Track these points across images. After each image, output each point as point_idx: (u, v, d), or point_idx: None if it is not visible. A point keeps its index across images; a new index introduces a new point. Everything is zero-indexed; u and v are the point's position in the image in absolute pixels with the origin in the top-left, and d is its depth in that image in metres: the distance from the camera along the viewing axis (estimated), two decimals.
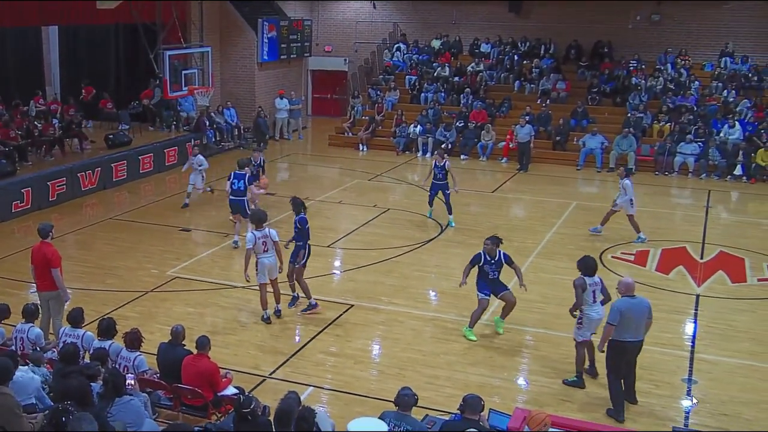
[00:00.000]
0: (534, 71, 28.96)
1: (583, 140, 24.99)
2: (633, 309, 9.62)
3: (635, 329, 9.66)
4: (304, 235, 12.83)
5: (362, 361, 11.38)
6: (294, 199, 13.12)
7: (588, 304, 10.51)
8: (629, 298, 9.71)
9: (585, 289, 10.45)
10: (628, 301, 9.67)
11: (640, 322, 9.69)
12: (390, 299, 13.65)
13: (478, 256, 11.98)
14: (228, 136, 26.82)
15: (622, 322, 9.55)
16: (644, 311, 9.71)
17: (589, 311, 10.52)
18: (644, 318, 9.71)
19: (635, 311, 9.63)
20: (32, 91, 24.48)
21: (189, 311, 12.94)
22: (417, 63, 31.15)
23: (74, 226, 17.76)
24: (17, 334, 9.74)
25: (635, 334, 9.69)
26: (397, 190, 22.16)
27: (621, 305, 9.62)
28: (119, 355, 9.06)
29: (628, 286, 9.80)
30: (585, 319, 10.55)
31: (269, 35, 28.63)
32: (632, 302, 9.68)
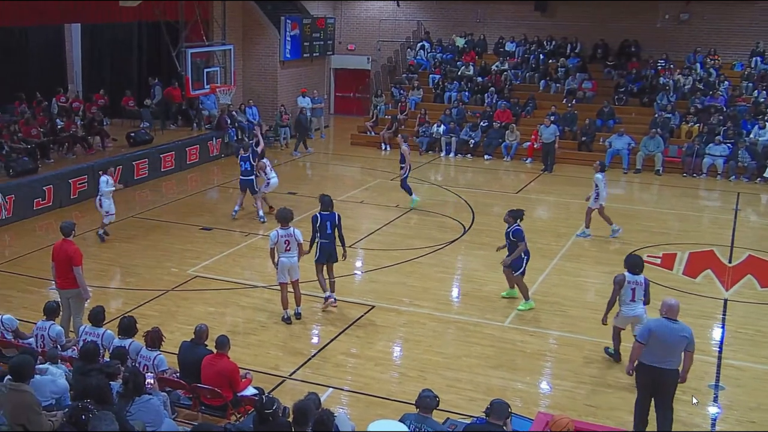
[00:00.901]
0: (560, 70, 28.83)
1: (610, 141, 24.84)
2: (667, 333, 8.71)
3: (664, 355, 8.76)
4: (315, 231, 12.87)
5: (383, 363, 11.38)
6: (323, 197, 13.20)
7: (624, 301, 10.75)
8: (667, 320, 8.78)
9: (623, 286, 10.66)
10: (663, 323, 8.76)
11: (673, 349, 8.75)
12: (411, 300, 13.64)
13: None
14: (249, 135, 26.90)
15: (650, 343, 8.73)
16: (681, 339, 8.72)
17: (624, 308, 10.81)
18: (679, 346, 8.74)
19: (669, 336, 8.71)
20: (54, 89, 24.73)
21: (209, 311, 13.01)
22: (441, 62, 31.11)
23: (95, 224, 17.87)
24: (38, 332, 9.84)
25: (662, 361, 8.76)
26: (420, 190, 22.11)
27: (654, 325, 8.82)
28: (139, 354, 9.13)
29: (670, 308, 8.82)
30: (620, 315, 10.93)
31: (292, 33, 28.71)
32: (667, 325, 8.75)
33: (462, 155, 26.34)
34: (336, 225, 12.91)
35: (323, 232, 12.86)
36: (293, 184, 21.11)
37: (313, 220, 12.90)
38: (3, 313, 10.22)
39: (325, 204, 13.01)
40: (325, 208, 12.96)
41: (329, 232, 12.89)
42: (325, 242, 12.89)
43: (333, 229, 12.89)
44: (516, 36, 31.09)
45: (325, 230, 12.87)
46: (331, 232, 12.91)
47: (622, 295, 10.74)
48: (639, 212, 19.90)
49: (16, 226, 17.55)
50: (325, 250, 12.93)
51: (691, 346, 8.79)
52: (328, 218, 12.90)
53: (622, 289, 10.72)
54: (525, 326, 12.62)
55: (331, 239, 12.93)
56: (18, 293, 13.58)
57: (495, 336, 12.26)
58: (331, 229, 12.89)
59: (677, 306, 8.86)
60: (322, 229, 12.85)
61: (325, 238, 12.89)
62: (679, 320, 8.85)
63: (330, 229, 12.89)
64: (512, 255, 12.96)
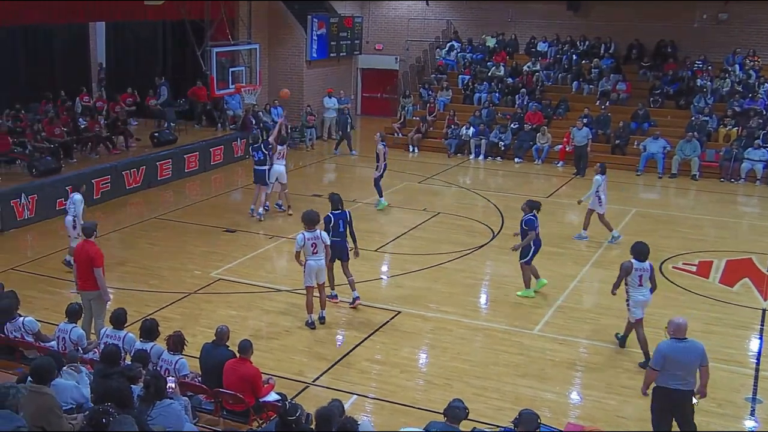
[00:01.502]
0: (593, 71, 28.67)
1: (644, 144, 24.67)
2: (681, 353, 8.63)
3: (684, 376, 8.65)
4: (328, 231, 12.95)
5: (408, 370, 11.36)
6: (332, 195, 13.53)
7: (633, 286, 11.32)
8: (677, 341, 8.68)
9: (630, 272, 11.25)
10: (675, 344, 8.66)
11: (690, 369, 8.68)
12: (438, 306, 13.62)
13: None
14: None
15: (667, 367, 8.62)
16: (695, 357, 8.68)
17: (634, 293, 11.36)
18: (695, 364, 8.69)
19: (683, 356, 8.64)
20: (78, 88, 25.00)
21: (232, 314, 13.07)
22: (470, 62, 31.06)
23: (118, 224, 18.08)
24: (59, 334, 9.93)
25: (683, 382, 8.65)
26: (448, 193, 22.10)
27: (666, 348, 8.65)
28: (161, 358, 9.18)
29: (678, 327, 8.73)
30: (632, 301, 11.39)
31: (319, 32, 28.82)
32: (680, 345, 8.66)
33: (491, 158, 26.27)
34: (348, 222, 13.23)
35: (336, 231, 13.10)
36: (318, 186, 21.18)
37: (326, 220, 13.10)
38: (25, 315, 10.33)
39: (335, 202, 13.34)
40: (335, 207, 13.27)
41: (342, 230, 13.17)
42: (336, 240, 13.05)
43: (345, 227, 13.19)
44: (548, 36, 30.96)
45: (338, 228, 13.13)
46: (344, 230, 13.21)
47: (631, 281, 11.30)
48: (674, 218, 19.73)
49: (38, 226, 17.76)
50: (335, 249, 13.07)
51: (705, 360, 8.74)
52: (341, 216, 13.20)
53: (629, 276, 11.28)
54: (555, 334, 12.56)
55: (343, 237, 13.20)
56: (40, 294, 13.73)
57: (524, 344, 12.21)
58: (344, 227, 13.18)
59: (685, 324, 8.77)
60: (335, 227, 13.11)
61: (337, 236, 13.08)
62: (687, 337, 8.74)
63: (342, 227, 13.18)
64: (522, 243, 13.76)
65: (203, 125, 26.26)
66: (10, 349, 10.10)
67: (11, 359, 9.94)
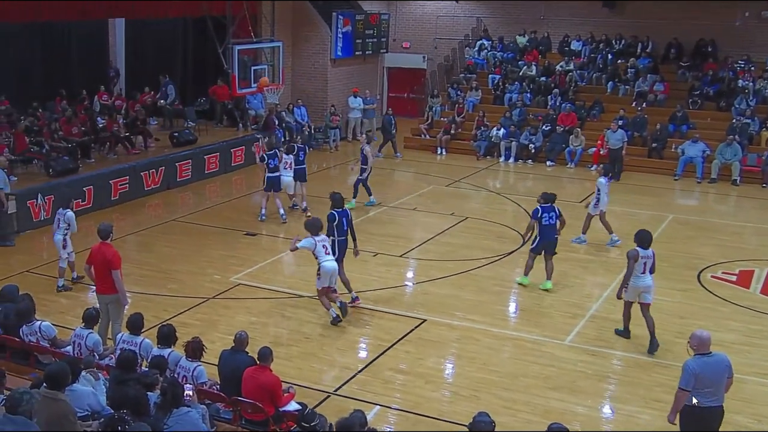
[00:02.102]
0: (629, 71, 28.50)
1: (682, 147, 24.48)
2: (709, 369, 8.46)
3: (713, 392, 8.49)
4: (332, 230, 13.44)
5: (434, 381, 11.34)
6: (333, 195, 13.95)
7: (636, 274, 12.11)
8: (703, 356, 8.52)
9: (637, 260, 12.05)
10: (702, 361, 8.48)
11: (719, 384, 8.53)
12: (465, 315, 13.58)
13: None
14: (297, 136, 27.09)
15: (696, 385, 8.43)
16: (723, 370, 8.56)
17: (635, 280, 12.15)
18: (723, 378, 8.56)
19: (712, 371, 8.47)
20: (96, 87, 25.22)
21: (252, 320, 13.12)
22: (501, 61, 31.00)
23: (136, 227, 18.21)
24: (75, 339, 10.00)
25: (714, 398, 8.50)
26: (477, 197, 22.05)
27: (695, 367, 8.44)
28: (178, 365, 9.23)
29: (701, 342, 8.56)
30: (630, 286, 12.23)
31: (344, 30, 28.89)
32: (708, 361, 8.49)
33: (522, 161, 26.20)
34: (350, 221, 13.76)
35: (340, 230, 13.54)
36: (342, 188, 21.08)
37: (331, 218, 13.55)
38: (42, 319, 10.41)
39: (337, 201, 13.81)
40: (337, 206, 13.67)
41: (345, 228, 13.65)
42: (342, 239, 13.56)
43: (348, 226, 13.64)
44: (582, 34, 30.82)
45: (342, 227, 13.62)
46: (347, 228, 13.69)
47: (635, 268, 12.08)
48: (713, 225, 19.57)
49: None
50: (343, 248, 13.58)
51: (731, 372, 8.63)
52: (343, 215, 13.62)
53: (636, 263, 12.03)
54: (587, 345, 12.49)
55: (346, 236, 13.70)
56: (56, 297, 13.87)
57: (554, 355, 12.15)
58: (347, 225, 13.61)
59: (709, 338, 8.61)
60: (339, 226, 13.52)
61: (341, 235, 13.59)
62: (712, 351, 8.58)
63: (346, 225, 13.65)
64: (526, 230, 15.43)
65: (224, 125, 26.39)
66: (25, 353, 10.20)
67: (26, 364, 10.04)
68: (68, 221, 14.24)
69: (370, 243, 17.18)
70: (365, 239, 17.36)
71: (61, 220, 14.28)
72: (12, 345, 10.21)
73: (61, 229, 14.26)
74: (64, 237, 14.26)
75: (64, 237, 14.26)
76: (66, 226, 14.24)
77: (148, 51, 28.22)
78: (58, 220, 14.37)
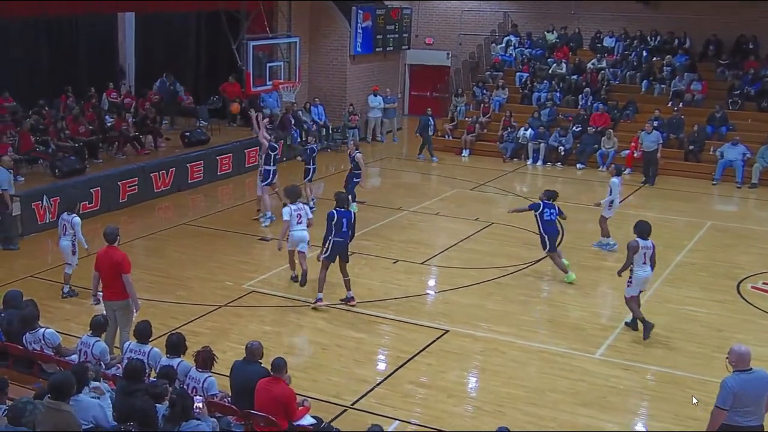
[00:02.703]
0: (665, 70, 28.39)
1: (721, 150, 24.35)
2: (749, 386, 8.24)
3: (753, 411, 8.30)
4: (330, 229, 13.77)
5: (456, 395, 11.32)
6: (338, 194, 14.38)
7: (638, 264, 12.85)
8: (742, 372, 8.28)
9: (637, 251, 12.76)
10: (741, 378, 8.24)
11: (760, 402, 8.35)
12: (490, 326, 13.55)
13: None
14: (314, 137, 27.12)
15: (735, 404, 8.21)
16: (763, 388, 8.35)
17: (638, 271, 12.88)
18: (764, 397, 8.37)
19: (752, 389, 8.26)
20: (105, 84, 25.37)
21: (265, 330, 13.15)
22: (529, 58, 30.96)
23: (145, 230, 18.30)
24: (81, 347, 10.04)
25: (754, 417, 8.32)
26: (503, 202, 22.00)
27: (733, 384, 8.21)
28: (188, 375, 9.25)
29: (740, 357, 8.33)
30: (634, 278, 12.94)
31: (364, 25, 28.94)
32: (747, 378, 8.25)
33: (551, 164, 26.13)
34: (352, 223, 13.93)
35: (339, 230, 13.73)
36: (360, 191, 21.19)
37: (330, 217, 13.78)
38: (46, 326, 10.47)
39: (341, 201, 14.08)
40: (341, 205, 13.98)
41: (345, 229, 13.82)
42: (338, 240, 13.77)
43: (349, 227, 13.86)
44: (615, 30, 30.75)
45: (341, 227, 13.76)
46: (347, 230, 13.85)
47: (636, 259, 12.81)
48: (754, 233, 19.45)
49: None
50: (337, 248, 13.79)
51: None
52: (345, 215, 13.80)
53: (636, 254, 12.75)
54: (619, 359, 12.43)
55: (345, 237, 13.87)
56: (61, 304, 13.95)
57: (584, 369, 12.10)
58: (347, 227, 13.84)
59: (748, 353, 8.39)
60: (338, 226, 13.73)
61: (339, 236, 13.78)
62: (752, 367, 8.37)
63: (346, 226, 13.81)
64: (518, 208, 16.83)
65: (238, 124, 26.48)
66: (28, 361, 10.25)
67: (29, 373, 10.08)
68: (74, 227, 14.22)
69: (390, 249, 17.20)
70: (385, 245, 17.43)
71: (67, 226, 14.24)
72: (15, 353, 10.26)
73: (68, 235, 14.23)
74: (72, 242, 14.21)
75: (72, 242, 14.21)
76: (72, 233, 14.22)
77: (159, 47, 28.35)
78: (63, 225, 14.34)
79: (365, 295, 14.54)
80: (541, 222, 15.50)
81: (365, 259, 16.66)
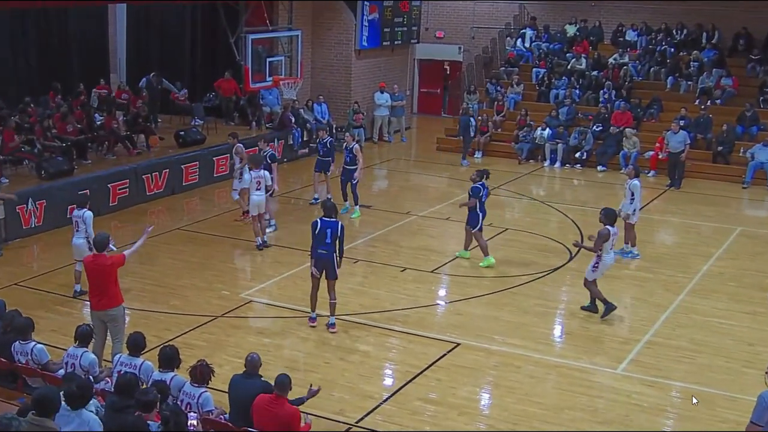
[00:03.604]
0: (692, 65, 28.37)
1: (752, 151, 24.30)
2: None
3: None
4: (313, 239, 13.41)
5: (468, 413, 11.31)
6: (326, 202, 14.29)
7: (606, 250, 14.06)
8: None
9: (608, 239, 13.96)
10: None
11: None
12: (504, 338, 13.54)
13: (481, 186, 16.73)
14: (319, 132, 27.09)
15: None
16: None
17: (606, 257, 14.11)
18: None
19: None
20: (95, 79, 25.42)
21: (264, 342, 13.15)
22: (547, 53, 30.96)
23: (136, 236, 18.01)
24: (68, 360, 10.05)
25: None
26: (518, 206, 22.01)
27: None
28: (182, 391, 9.24)
29: None
30: (601, 264, 14.14)
31: (370, 18, 28.95)
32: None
33: (570, 165, 26.10)
34: (337, 235, 13.35)
35: (322, 241, 13.31)
36: (366, 194, 21.22)
37: (313, 226, 13.42)
38: (38, 341, 10.47)
39: (328, 210, 13.61)
40: (327, 215, 13.49)
41: (328, 241, 13.32)
42: (322, 253, 13.32)
43: (333, 239, 13.31)
44: (638, 23, 30.73)
45: (324, 238, 13.31)
46: (331, 242, 13.35)
47: (605, 246, 14.04)
48: None
49: (46, 236, 18.08)
50: (320, 262, 13.36)
51: None
52: (329, 225, 13.34)
53: (606, 242, 14.00)
54: (642, 374, 12.41)
55: (329, 250, 13.35)
56: (46, 314, 13.94)
57: (605, 385, 12.09)
58: (331, 238, 13.31)
59: None
60: (321, 237, 13.30)
61: (323, 248, 13.34)
62: None
63: (330, 238, 13.32)
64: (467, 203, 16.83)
65: (236, 123, 26.50)
66: (12, 375, 10.27)
67: (13, 387, 10.10)
68: (86, 222, 14.40)
69: (398, 257, 17.21)
70: (392, 252, 17.44)
71: (79, 222, 14.47)
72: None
73: (81, 231, 14.44)
74: (87, 240, 14.32)
75: (87, 240, 14.32)
76: (84, 228, 14.42)
77: (153, 41, 28.42)
78: (76, 222, 14.56)
79: (371, 306, 14.55)
80: (481, 203, 16.56)
81: (372, 267, 16.67)
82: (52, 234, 18.13)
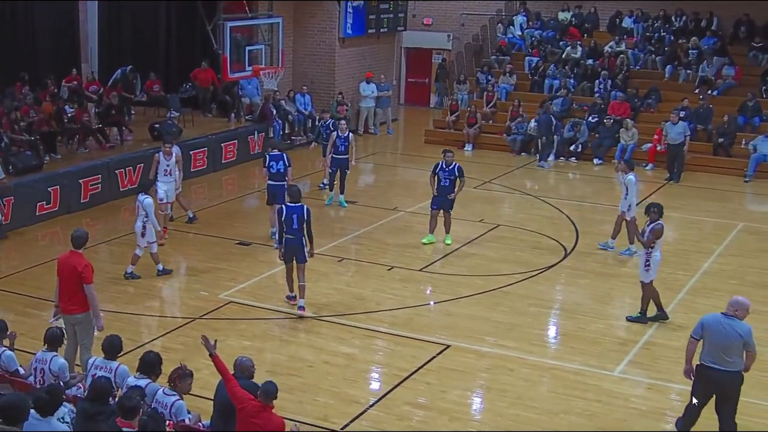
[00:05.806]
0: (691, 53, 28.47)
1: (754, 143, 24.41)
2: (719, 329, 9.89)
3: (719, 355, 9.87)
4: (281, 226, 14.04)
5: (459, 418, 11.34)
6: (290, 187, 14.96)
7: (657, 247, 13.94)
8: (724, 316, 9.96)
9: (661, 234, 13.88)
10: (718, 318, 9.99)
11: (728, 349, 9.86)
12: (497, 340, 13.58)
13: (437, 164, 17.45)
14: (299, 129, 27.14)
15: (705, 340, 9.98)
16: (734, 336, 9.83)
17: (656, 253, 13.93)
18: (732, 344, 9.84)
19: (721, 333, 9.86)
20: (66, 70, 25.30)
21: (245, 345, 13.13)
22: (540, 41, 31.03)
23: (109, 234, 18.26)
24: (37, 365, 10.00)
25: (719, 362, 9.87)
26: (510, 201, 22.05)
27: (708, 319, 10.08)
28: (155, 398, 9.15)
29: (736, 305, 9.98)
30: (653, 262, 13.91)
31: (355, 4, 28.95)
32: (723, 321, 9.92)
33: (564, 158, 26.15)
34: (304, 220, 13.94)
35: (289, 227, 13.89)
36: (353, 191, 21.20)
37: (278, 213, 13.99)
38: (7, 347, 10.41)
39: (293, 195, 14.20)
40: (293, 200, 14.11)
41: (295, 227, 13.92)
42: (289, 238, 13.97)
43: (300, 224, 13.84)
44: (635, 9, 30.82)
45: (291, 224, 13.91)
46: (298, 227, 13.94)
47: (658, 244, 13.92)
48: None
49: (14, 235, 17.99)
50: (288, 247, 13.94)
51: (750, 346, 9.88)
52: (295, 211, 13.84)
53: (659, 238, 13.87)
54: (641, 377, 12.48)
55: (297, 235, 13.97)
56: (15, 317, 13.83)
57: (602, 388, 12.13)
58: (298, 223, 13.83)
59: (745, 304, 9.98)
60: (288, 223, 13.84)
61: (290, 234, 13.95)
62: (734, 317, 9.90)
63: (297, 223, 13.89)
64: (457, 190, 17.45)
65: (213, 115, 26.46)
66: None
67: None
68: (146, 209, 15.36)
69: (385, 255, 17.22)
70: (380, 250, 17.47)
71: (140, 207, 15.44)
72: None
73: (141, 216, 15.44)
74: (143, 224, 15.41)
75: (143, 224, 15.41)
76: (144, 214, 15.38)
77: (125, 29, 28.28)
78: (137, 206, 15.58)
79: (357, 306, 14.57)
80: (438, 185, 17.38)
81: (357, 265, 16.68)
82: (19, 233, 18.08)
